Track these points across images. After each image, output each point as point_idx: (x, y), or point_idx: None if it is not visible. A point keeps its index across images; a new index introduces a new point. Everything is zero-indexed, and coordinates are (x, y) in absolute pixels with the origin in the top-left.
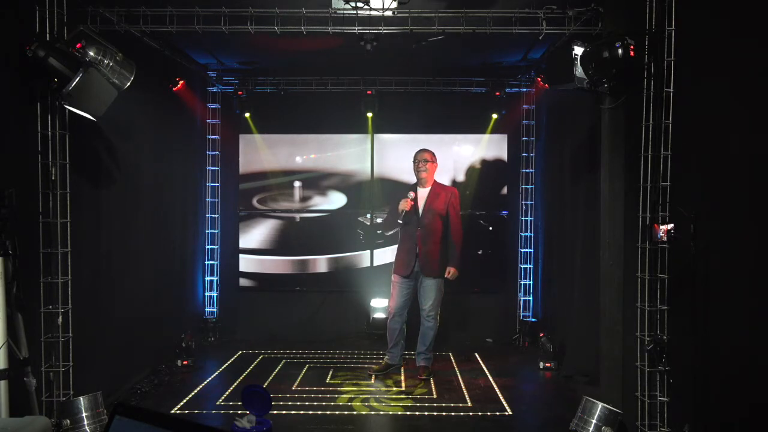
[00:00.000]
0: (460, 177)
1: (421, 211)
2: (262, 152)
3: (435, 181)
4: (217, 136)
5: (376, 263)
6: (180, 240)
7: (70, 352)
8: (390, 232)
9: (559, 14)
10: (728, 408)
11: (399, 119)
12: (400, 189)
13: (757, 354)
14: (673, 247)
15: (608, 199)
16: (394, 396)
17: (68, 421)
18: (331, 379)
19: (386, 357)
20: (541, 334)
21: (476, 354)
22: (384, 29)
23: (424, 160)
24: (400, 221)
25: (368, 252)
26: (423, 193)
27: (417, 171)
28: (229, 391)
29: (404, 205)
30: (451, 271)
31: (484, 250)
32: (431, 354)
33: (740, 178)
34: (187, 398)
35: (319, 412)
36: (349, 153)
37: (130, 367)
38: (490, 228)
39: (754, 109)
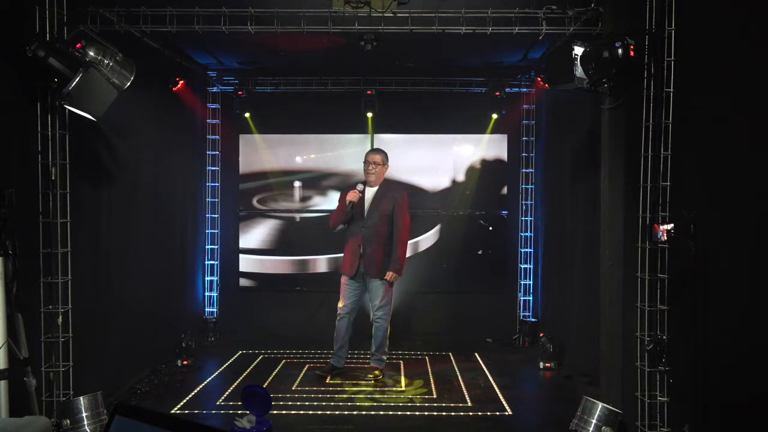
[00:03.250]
0: (460, 177)
1: (366, 211)
2: (262, 152)
3: (384, 180)
4: (217, 136)
5: None
6: (180, 240)
7: (70, 352)
8: (338, 228)
9: (559, 14)
10: (728, 408)
11: (399, 119)
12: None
13: (758, 354)
14: (673, 247)
15: (608, 199)
16: (393, 396)
17: (68, 421)
18: (331, 379)
19: (332, 360)
20: (541, 334)
21: (476, 354)
22: (384, 29)
23: (374, 162)
24: (343, 223)
25: None
26: (370, 193)
27: (365, 172)
28: (229, 391)
29: (352, 195)
30: (389, 275)
31: (484, 250)
32: (383, 356)
33: (740, 178)
34: (187, 398)
35: (319, 412)
36: (349, 153)
37: (130, 367)
38: (490, 228)
39: (753, 109)
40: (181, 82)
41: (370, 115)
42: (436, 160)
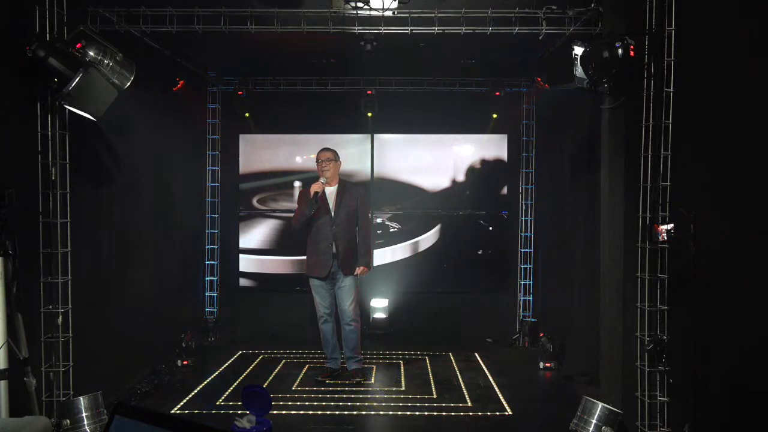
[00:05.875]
0: (460, 177)
1: (332, 209)
2: (262, 152)
3: (340, 178)
4: (217, 136)
5: (375, 263)
6: (180, 240)
7: (70, 352)
8: (300, 226)
9: (559, 14)
10: (728, 408)
11: (399, 119)
12: (400, 189)
13: (757, 354)
14: (673, 247)
15: (608, 199)
16: (394, 396)
17: (68, 421)
18: (331, 379)
19: (328, 364)
20: (541, 334)
21: (476, 354)
22: (384, 29)
23: (327, 159)
24: (306, 219)
25: None
26: (329, 191)
27: (321, 171)
28: (229, 391)
29: (316, 186)
30: (361, 269)
31: (484, 250)
32: (360, 354)
33: (740, 178)
34: (187, 398)
35: (319, 412)
36: (349, 153)
37: (130, 367)
38: (490, 228)
39: (753, 109)
40: (181, 82)
41: (370, 115)
42: (436, 160)
